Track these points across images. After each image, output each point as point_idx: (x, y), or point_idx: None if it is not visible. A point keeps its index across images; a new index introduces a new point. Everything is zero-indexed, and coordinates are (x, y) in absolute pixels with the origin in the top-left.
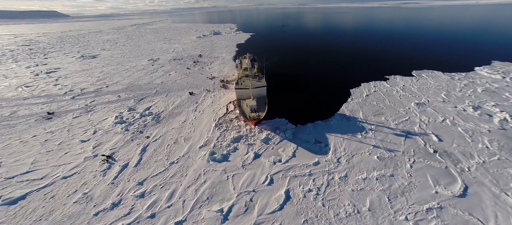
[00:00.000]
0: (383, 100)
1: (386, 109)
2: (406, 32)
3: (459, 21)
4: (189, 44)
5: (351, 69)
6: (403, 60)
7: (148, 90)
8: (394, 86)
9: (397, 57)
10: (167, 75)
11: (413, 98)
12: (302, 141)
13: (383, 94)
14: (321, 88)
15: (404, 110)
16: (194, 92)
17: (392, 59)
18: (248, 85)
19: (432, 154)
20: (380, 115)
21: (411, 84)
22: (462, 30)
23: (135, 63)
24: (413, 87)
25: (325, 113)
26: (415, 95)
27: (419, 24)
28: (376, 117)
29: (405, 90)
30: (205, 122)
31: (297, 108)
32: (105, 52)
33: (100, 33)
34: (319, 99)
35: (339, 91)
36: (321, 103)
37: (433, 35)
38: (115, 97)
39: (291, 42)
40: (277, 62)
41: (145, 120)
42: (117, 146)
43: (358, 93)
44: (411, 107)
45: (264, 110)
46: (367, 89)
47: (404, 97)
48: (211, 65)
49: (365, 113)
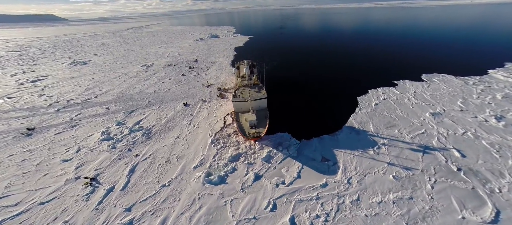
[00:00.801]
0: (394, 109)
1: (398, 120)
2: (410, 33)
3: (460, 21)
4: (186, 48)
5: (356, 73)
6: (411, 63)
7: (139, 100)
8: (404, 92)
9: (403, 60)
10: (161, 82)
11: (427, 107)
12: (308, 159)
13: (393, 102)
14: (325, 96)
15: (418, 121)
16: (188, 102)
17: (399, 62)
18: (247, 97)
19: (456, 172)
20: (393, 127)
21: (423, 90)
22: (468, 31)
23: (128, 70)
24: (425, 94)
25: (332, 125)
26: (429, 103)
27: (421, 25)
28: (389, 130)
29: (417, 98)
30: (200, 138)
31: (300, 120)
32: (97, 57)
33: (95, 37)
34: (324, 109)
35: (345, 99)
36: (326, 114)
37: (439, 36)
38: (103, 110)
39: (291, 44)
40: (277, 66)
41: (135, 136)
42: (103, 166)
43: (366, 102)
44: (426, 118)
45: (265, 126)
46: (376, 96)
47: (417, 106)
48: (207, 71)
49: (376, 125)
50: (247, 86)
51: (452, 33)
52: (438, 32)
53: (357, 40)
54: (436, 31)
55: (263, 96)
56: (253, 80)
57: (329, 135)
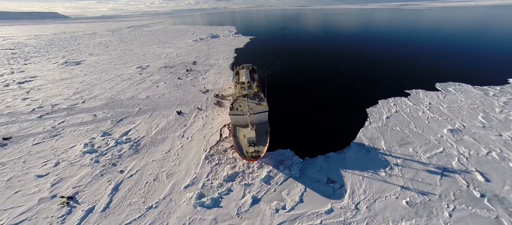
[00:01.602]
0: (408, 124)
1: (413, 136)
2: (419, 37)
3: (469, 23)
4: (184, 48)
5: (364, 81)
6: (423, 70)
7: (130, 107)
8: (418, 104)
9: (414, 66)
10: (155, 86)
11: (445, 122)
12: (312, 181)
13: (406, 115)
14: (332, 107)
15: (435, 139)
16: (183, 111)
17: (410, 69)
18: (246, 110)
19: (478, 199)
20: (407, 145)
21: (438, 101)
22: (480, 34)
23: (122, 71)
24: (442, 106)
25: (339, 141)
26: (446, 117)
27: (429, 28)
28: (402, 148)
29: (432, 110)
30: (193, 153)
31: (304, 134)
32: (92, 57)
33: (94, 35)
34: (331, 122)
35: (354, 110)
36: (333, 128)
37: (450, 40)
38: (90, 117)
39: (294, 47)
40: (280, 70)
41: (121, 149)
42: (83, 183)
43: (376, 114)
44: (444, 135)
45: (265, 143)
46: (387, 108)
47: (434, 121)
48: (205, 75)
49: (388, 142)
50: (247, 96)
51: (464, 37)
52: (449, 36)
53: (363, 44)
54: (446, 34)
55: (264, 109)
56: (253, 90)
57: (336, 152)
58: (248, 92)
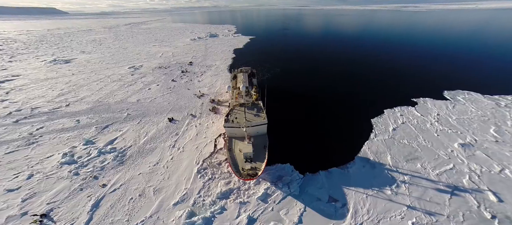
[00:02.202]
0: (416, 137)
1: (421, 151)
2: (423, 40)
3: (472, 27)
4: (181, 47)
5: (368, 87)
6: (430, 77)
7: (117, 112)
8: (426, 114)
9: (421, 72)
10: (147, 89)
11: (455, 135)
12: (312, 199)
13: (414, 127)
14: (335, 117)
15: (445, 154)
16: (175, 118)
17: (416, 75)
18: (242, 122)
19: (489, 220)
20: (415, 160)
21: (447, 112)
22: (486, 39)
23: (113, 71)
24: (451, 117)
25: (342, 155)
26: (456, 130)
27: (433, 31)
28: (410, 164)
29: (441, 122)
30: (184, 166)
31: (305, 147)
32: (83, 55)
33: (89, 32)
34: (334, 133)
35: (358, 120)
36: (336, 140)
37: (456, 45)
38: (72, 123)
39: (295, 49)
40: (280, 74)
41: (104, 160)
42: (59, 198)
43: (382, 126)
44: (454, 149)
45: (263, 159)
46: (393, 119)
47: (443, 134)
48: (201, 77)
49: (395, 156)
50: (244, 105)
51: (470, 41)
52: (454, 40)
53: (366, 47)
54: (452, 38)
55: (263, 122)
56: (251, 99)
57: (339, 168)
58: (245, 101)
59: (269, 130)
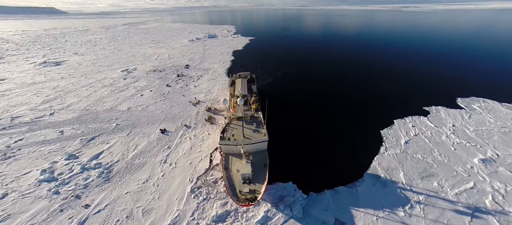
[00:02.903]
0: (431, 151)
1: (437, 167)
2: (429, 42)
3: (476, 27)
4: (178, 49)
5: (376, 95)
6: (440, 82)
7: (106, 122)
8: (440, 125)
9: (430, 77)
10: (139, 95)
11: (474, 149)
12: (317, 222)
13: (428, 140)
14: (341, 128)
15: (464, 170)
16: (167, 129)
17: (425, 81)
18: (240, 139)
19: None
20: (430, 177)
21: (464, 123)
22: (496, 41)
23: (104, 75)
24: (468, 129)
25: (350, 172)
26: (474, 143)
27: (438, 33)
28: (425, 182)
29: (458, 134)
30: (176, 184)
31: (309, 163)
32: (76, 57)
33: (85, 32)
34: (340, 147)
35: (367, 132)
36: (343, 154)
37: (463, 47)
38: (55, 134)
39: (296, 51)
40: (281, 78)
41: (88, 177)
42: (36, 220)
43: (393, 138)
44: (474, 165)
45: (263, 180)
46: (404, 130)
47: (461, 147)
48: (198, 81)
49: (408, 173)
50: (242, 119)
51: (478, 43)
52: (461, 42)
53: (371, 50)
54: (459, 40)
55: (263, 139)
56: (250, 111)
57: (346, 186)
58: (244, 114)
59: (270, 144)
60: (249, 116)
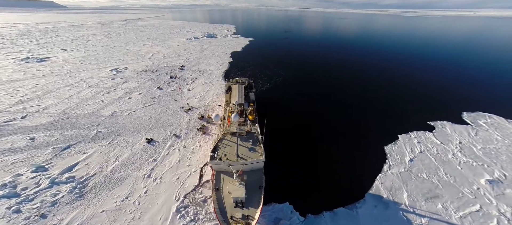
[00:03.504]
0: (436, 170)
1: (442, 187)
2: (431, 51)
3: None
4: (175, 48)
5: (379, 107)
6: (445, 94)
7: (85, 128)
8: (446, 142)
9: (435, 88)
10: (126, 98)
11: (482, 169)
12: None
13: (434, 157)
14: (342, 143)
15: (470, 191)
16: (154, 138)
17: (430, 92)
18: (233, 159)
19: None
20: (435, 199)
21: (470, 140)
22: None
23: (91, 74)
24: (475, 147)
25: (351, 191)
26: (482, 162)
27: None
28: (429, 203)
29: (465, 153)
30: (161, 202)
31: (307, 181)
32: (63, 53)
33: (79, 27)
34: (341, 164)
35: (369, 148)
36: (344, 172)
37: (467, 57)
38: (24, 141)
39: (297, 54)
40: (280, 84)
41: (57, 193)
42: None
43: (397, 155)
44: (481, 186)
45: (258, 204)
46: (409, 147)
47: (467, 167)
48: (192, 85)
49: (412, 194)
50: (237, 134)
51: (481, 53)
52: (464, 52)
53: (373, 57)
54: (461, 49)
55: (259, 159)
56: (245, 126)
57: (346, 207)
58: (238, 130)
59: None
60: (244, 132)
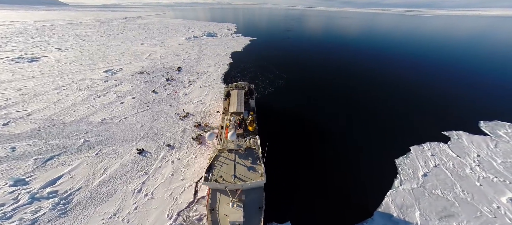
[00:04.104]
0: (452, 186)
1: (459, 206)
2: (442, 53)
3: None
4: (173, 47)
5: (389, 114)
6: (460, 100)
7: (72, 137)
8: (463, 155)
9: (449, 94)
10: (119, 103)
11: (502, 186)
12: None
13: (450, 172)
14: (349, 154)
15: (490, 210)
16: (146, 148)
17: (443, 99)
18: (230, 180)
19: None
20: (450, 218)
21: (489, 152)
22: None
23: (84, 76)
24: (495, 160)
25: (358, 209)
26: (503, 178)
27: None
28: (444, 223)
29: (483, 167)
30: (152, 220)
31: (310, 198)
32: (57, 53)
33: (78, 25)
34: (347, 178)
35: (379, 161)
36: (351, 187)
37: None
38: (4, 151)
39: (300, 55)
40: (283, 88)
41: (38, 209)
42: None
43: (409, 169)
44: (501, 205)
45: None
46: (423, 160)
47: (487, 183)
48: (189, 88)
49: (425, 212)
50: (235, 151)
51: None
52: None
53: (381, 60)
54: (474, 51)
55: (259, 181)
56: (244, 142)
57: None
58: (236, 146)
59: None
60: (243, 149)
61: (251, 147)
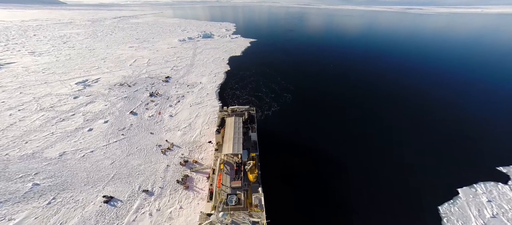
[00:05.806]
0: None
1: None
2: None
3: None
4: (163, 51)
5: (428, 144)
6: (503, 122)
7: (18, 179)
8: None
9: (504, 119)
10: (86, 130)
11: None
12: None
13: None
14: (376, 199)
15: None
16: (116, 195)
17: (498, 125)
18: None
19: None
20: None
21: None
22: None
23: (50, 90)
24: None
25: None
26: None
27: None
28: None
29: None
30: None
31: None
32: (28, 58)
33: (66, 25)
34: None
35: (417, 208)
36: None
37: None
38: None
39: (306, 60)
40: (290, 104)
41: None
42: None
43: (458, 221)
44: None
45: None
46: (476, 207)
47: None
48: (176, 107)
49: None
50: (233, 211)
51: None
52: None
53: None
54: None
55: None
56: (242, 198)
57: None
58: (234, 207)
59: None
60: (241, 207)
61: (252, 210)
